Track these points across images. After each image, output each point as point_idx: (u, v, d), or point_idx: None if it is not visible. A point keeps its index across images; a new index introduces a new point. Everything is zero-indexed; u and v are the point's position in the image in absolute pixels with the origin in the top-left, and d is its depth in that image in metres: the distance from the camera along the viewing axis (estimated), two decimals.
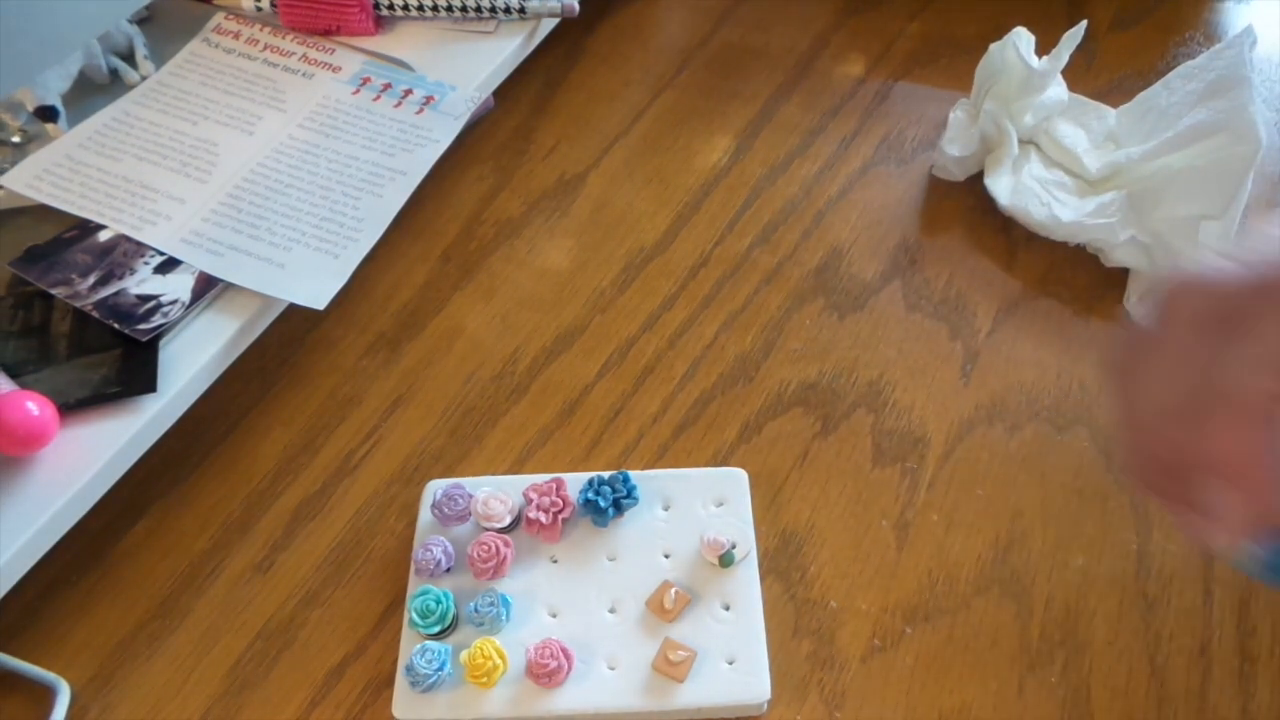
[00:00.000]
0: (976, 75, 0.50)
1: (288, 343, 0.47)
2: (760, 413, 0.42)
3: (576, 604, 0.36)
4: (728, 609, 0.36)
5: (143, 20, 0.57)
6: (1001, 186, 0.49)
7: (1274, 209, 0.49)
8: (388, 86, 0.53)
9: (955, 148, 0.50)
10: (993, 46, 0.49)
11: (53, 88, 0.51)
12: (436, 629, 0.35)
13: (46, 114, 0.50)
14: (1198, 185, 0.44)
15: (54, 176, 0.48)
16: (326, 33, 0.56)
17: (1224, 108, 0.44)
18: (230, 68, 0.54)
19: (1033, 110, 0.50)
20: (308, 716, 0.36)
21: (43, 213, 0.47)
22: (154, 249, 0.45)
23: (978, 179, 0.50)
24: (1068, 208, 0.48)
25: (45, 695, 0.36)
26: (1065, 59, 0.49)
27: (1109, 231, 0.45)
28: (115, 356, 0.41)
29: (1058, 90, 0.50)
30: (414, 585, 0.37)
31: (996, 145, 0.50)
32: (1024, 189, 0.49)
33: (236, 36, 0.56)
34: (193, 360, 0.42)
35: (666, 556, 0.37)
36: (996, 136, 0.50)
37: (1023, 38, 0.49)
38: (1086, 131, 0.51)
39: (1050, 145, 0.50)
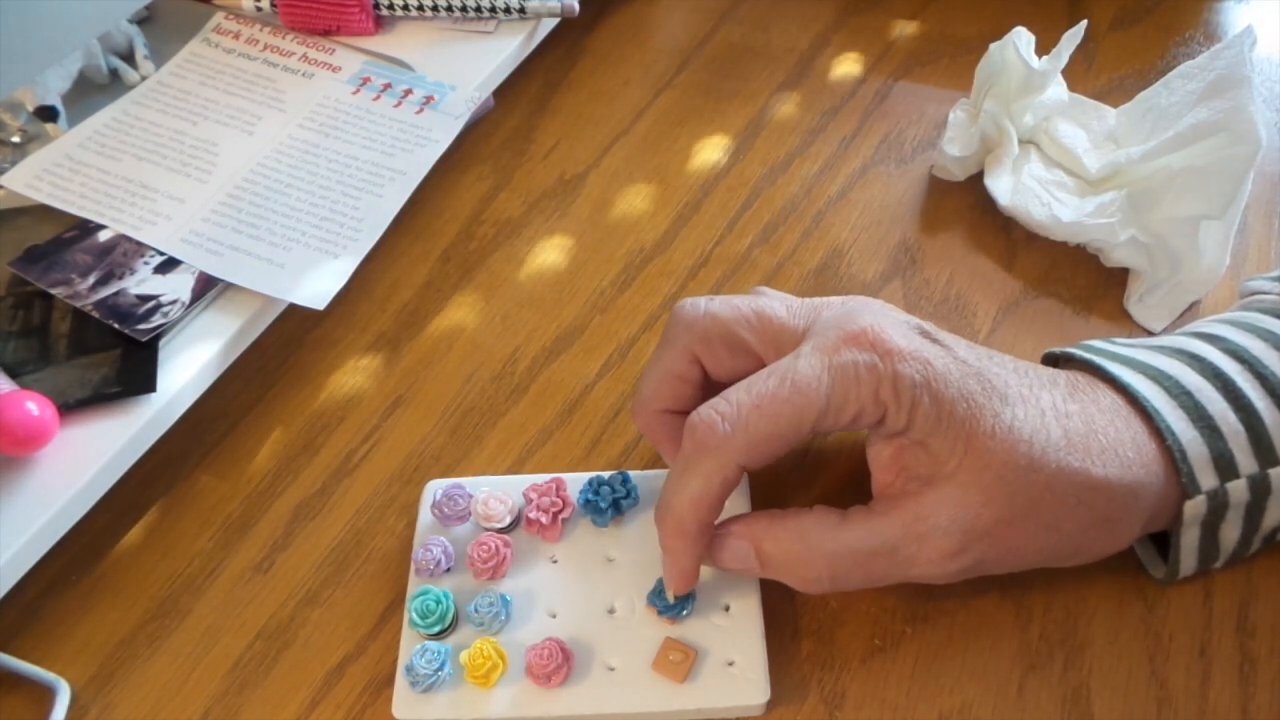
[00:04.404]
0: (976, 75, 0.50)
1: (288, 343, 0.47)
2: None
3: (576, 604, 0.36)
4: (728, 610, 0.36)
5: (143, 20, 0.57)
6: (1001, 186, 0.49)
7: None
8: (388, 86, 0.53)
9: (955, 148, 0.50)
10: (993, 46, 0.49)
11: (53, 88, 0.51)
12: (436, 629, 0.35)
13: (46, 114, 0.50)
14: (1197, 185, 0.44)
15: (54, 176, 0.48)
16: (326, 33, 0.56)
17: (1224, 108, 0.44)
18: (230, 68, 0.54)
19: (1033, 110, 0.50)
20: (308, 716, 0.36)
21: (43, 213, 0.47)
22: (154, 249, 0.45)
23: (978, 179, 0.50)
24: (1068, 208, 0.48)
25: (45, 695, 0.36)
26: (1065, 59, 0.49)
27: (1109, 231, 0.45)
28: (115, 356, 0.41)
29: (1058, 90, 0.50)
30: (414, 585, 0.37)
31: (996, 145, 0.50)
32: (1024, 189, 0.49)
33: (236, 36, 0.56)
34: (193, 360, 0.42)
35: None
36: (996, 136, 0.50)
37: (1022, 37, 0.49)
38: (1086, 131, 0.51)
39: (1050, 145, 0.50)
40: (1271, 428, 0.34)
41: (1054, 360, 0.39)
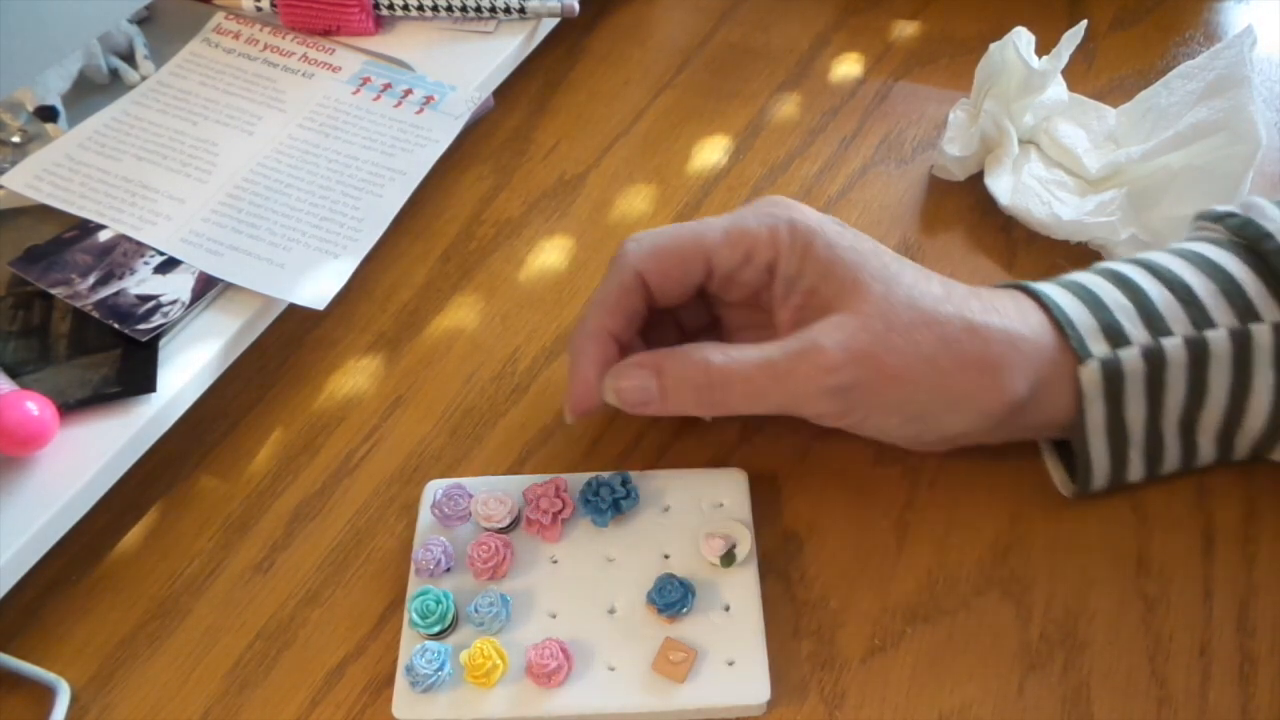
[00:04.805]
0: (976, 75, 0.50)
1: (288, 343, 0.47)
2: None
3: (576, 604, 0.36)
4: (728, 609, 0.36)
5: (143, 20, 0.57)
6: (1002, 186, 0.49)
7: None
8: (388, 86, 0.53)
9: (955, 147, 0.50)
10: (993, 46, 0.49)
11: (53, 88, 0.51)
12: (437, 629, 0.35)
13: (46, 114, 0.50)
14: (1197, 184, 0.44)
15: (54, 176, 0.48)
16: (326, 33, 0.56)
17: (1223, 107, 0.44)
18: (230, 68, 0.54)
19: (1033, 110, 0.50)
20: (308, 716, 0.36)
21: (43, 213, 0.47)
22: (154, 249, 0.45)
23: (978, 179, 0.50)
24: (1068, 206, 0.48)
25: (45, 695, 0.36)
26: (1065, 59, 0.49)
27: (1110, 230, 0.45)
28: (115, 356, 0.41)
29: (1058, 90, 0.50)
30: (414, 585, 0.37)
31: (996, 145, 0.50)
32: (1024, 188, 0.49)
33: (236, 36, 0.56)
34: (193, 360, 0.42)
35: (666, 557, 0.37)
36: (996, 136, 0.50)
37: (1022, 37, 0.49)
38: (1086, 131, 0.51)
39: (1050, 145, 0.50)
40: (1160, 303, 0.36)
41: None
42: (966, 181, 0.51)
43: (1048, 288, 0.37)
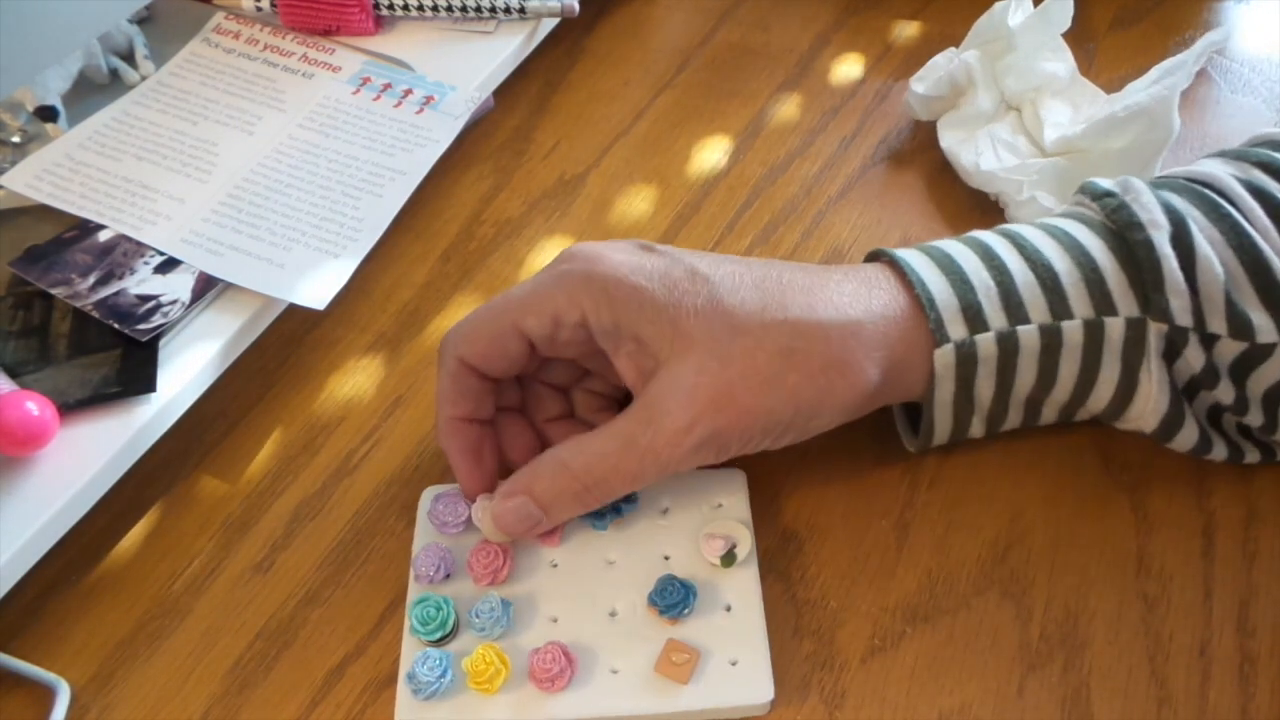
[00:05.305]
0: (972, 28, 0.51)
1: (288, 343, 0.47)
2: None
3: (578, 608, 0.36)
4: (729, 610, 0.36)
5: (143, 20, 0.57)
6: (950, 133, 0.50)
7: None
8: (388, 86, 0.53)
9: (922, 86, 0.51)
10: (997, 5, 0.50)
11: (53, 88, 0.51)
12: (438, 635, 0.35)
13: (46, 114, 0.50)
14: (1113, 167, 0.45)
15: (54, 176, 0.48)
16: (326, 33, 0.56)
17: (1154, 94, 0.45)
18: (230, 68, 0.54)
19: (1017, 74, 0.50)
20: (308, 717, 0.36)
21: (43, 213, 0.47)
22: (154, 249, 0.45)
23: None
24: (993, 159, 0.48)
25: (45, 695, 0.36)
26: (1055, 25, 0.50)
27: (1015, 187, 0.46)
28: (115, 356, 0.41)
29: (1055, 66, 0.51)
30: (414, 592, 0.37)
31: (962, 95, 0.51)
32: (970, 139, 0.49)
33: (236, 36, 0.56)
34: (193, 360, 0.42)
35: (667, 558, 0.37)
36: (965, 85, 0.50)
37: (1023, 2, 0.50)
38: (1075, 111, 0.51)
39: (1030, 115, 0.51)
40: (1022, 287, 0.36)
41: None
42: (968, 182, 0.51)
43: (913, 258, 0.37)
